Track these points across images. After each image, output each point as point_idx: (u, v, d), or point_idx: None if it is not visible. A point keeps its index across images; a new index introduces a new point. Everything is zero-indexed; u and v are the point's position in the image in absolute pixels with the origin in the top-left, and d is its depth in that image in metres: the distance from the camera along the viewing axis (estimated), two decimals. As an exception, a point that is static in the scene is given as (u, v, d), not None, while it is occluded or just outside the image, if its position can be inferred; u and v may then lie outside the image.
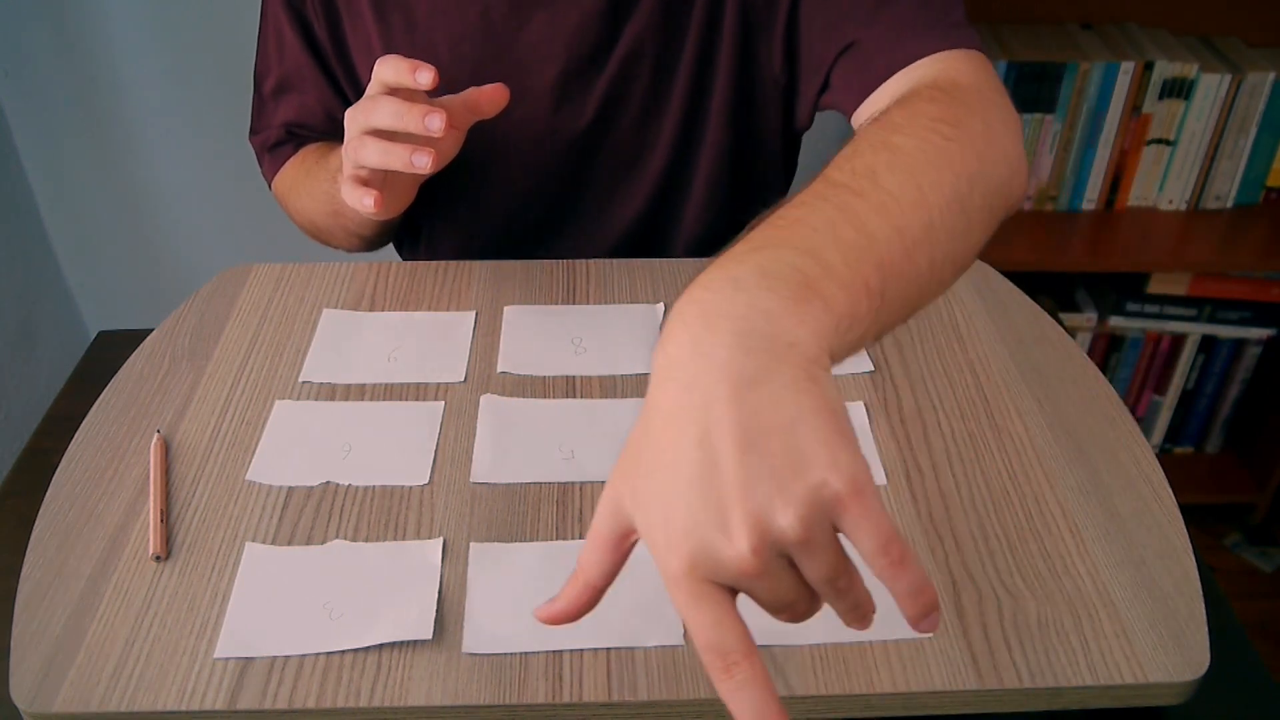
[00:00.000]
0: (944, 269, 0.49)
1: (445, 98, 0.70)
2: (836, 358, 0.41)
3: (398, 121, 0.64)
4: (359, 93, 0.87)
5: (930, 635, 0.53)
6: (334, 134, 0.86)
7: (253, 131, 0.92)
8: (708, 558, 0.36)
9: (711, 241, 0.90)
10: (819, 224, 0.43)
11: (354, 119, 0.67)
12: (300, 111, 0.88)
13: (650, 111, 0.83)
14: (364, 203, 0.67)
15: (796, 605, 0.39)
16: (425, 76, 0.63)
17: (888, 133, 0.52)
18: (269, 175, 0.91)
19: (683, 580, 0.37)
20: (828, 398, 0.38)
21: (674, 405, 0.38)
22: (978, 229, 0.53)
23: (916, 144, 0.51)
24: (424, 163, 0.64)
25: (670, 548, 0.37)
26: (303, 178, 0.86)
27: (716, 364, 0.37)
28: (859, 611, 0.39)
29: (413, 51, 0.81)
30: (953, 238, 0.49)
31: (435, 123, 0.63)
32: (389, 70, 0.64)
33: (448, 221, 0.92)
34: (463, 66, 0.80)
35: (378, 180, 0.69)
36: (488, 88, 0.70)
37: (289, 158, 0.89)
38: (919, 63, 0.67)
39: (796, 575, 0.38)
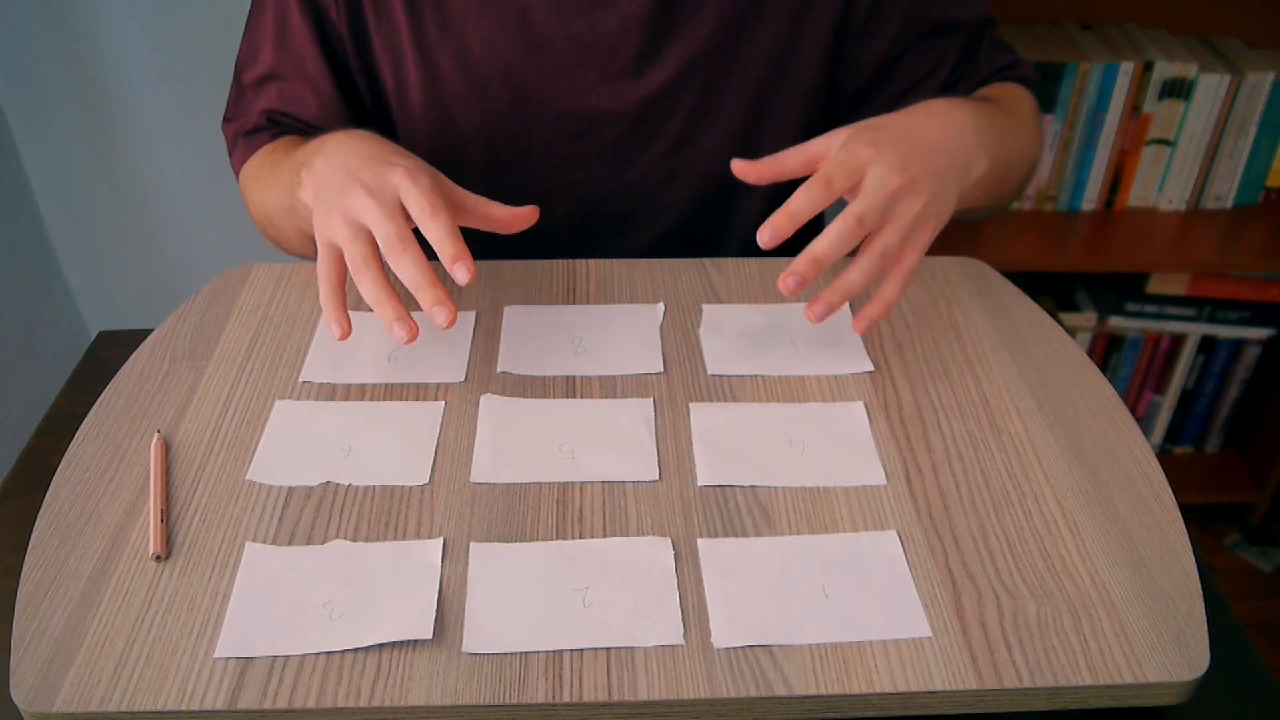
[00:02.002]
0: (991, 193, 0.78)
1: (468, 198, 0.68)
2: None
3: (413, 284, 0.62)
4: (373, 86, 0.85)
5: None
6: (318, 126, 0.84)
7: (226, 119, 0.89)
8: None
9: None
10: (999, 117, 0.77)
11: (357, 218, 0.65)
12: (284, 100, 0.85)
13: (703, 117, 0.82)
14: (332, 329, 0.66)
15: None
16: (462, 274, 0.61)
17: (1010, 98, 0.82)
18: (238, 163, 0.88)
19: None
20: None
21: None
22: (995, 196, 0.80)
23: (1023, 114, 0.82)
24: (411, 333, 0.63)
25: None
26: (269, 167, 0.82)
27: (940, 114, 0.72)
28: None
29: (443, 47, 0.80)
30: (996, 185, 0.77)
31: (461, 274, 0.61)
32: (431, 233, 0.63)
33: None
34: (495, 65, 0.79)
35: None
36: (522, 211, 0.68)
37: (262, 145, 0.86)
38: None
39: None
